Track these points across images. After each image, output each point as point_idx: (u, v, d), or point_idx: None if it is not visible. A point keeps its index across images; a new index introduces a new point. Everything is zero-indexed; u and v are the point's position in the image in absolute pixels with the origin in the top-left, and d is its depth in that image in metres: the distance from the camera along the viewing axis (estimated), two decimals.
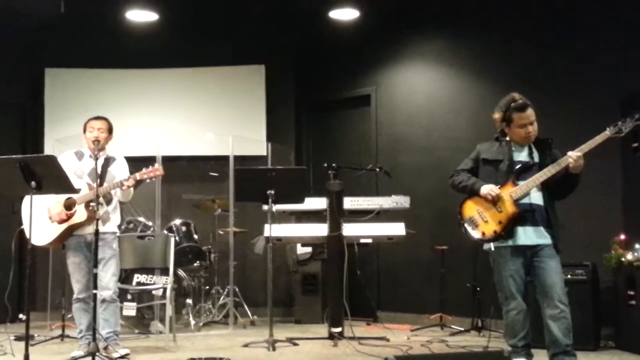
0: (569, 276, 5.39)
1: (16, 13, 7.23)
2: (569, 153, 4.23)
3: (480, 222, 4.41)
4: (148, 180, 5.24)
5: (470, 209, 4.47)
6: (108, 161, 5.35)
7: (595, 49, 6.18)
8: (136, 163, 5.50)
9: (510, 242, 4.35)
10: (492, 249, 4.39)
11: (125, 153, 5.59)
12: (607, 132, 4.23)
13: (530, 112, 4.39)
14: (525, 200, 4.34)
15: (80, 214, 5.10)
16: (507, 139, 4.51)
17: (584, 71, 6.24)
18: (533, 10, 6.63)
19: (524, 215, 4.32)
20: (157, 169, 5.16)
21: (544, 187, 4.35)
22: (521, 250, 4.36)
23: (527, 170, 4.39)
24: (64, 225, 5.12)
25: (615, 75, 6.00)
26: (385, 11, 7.63)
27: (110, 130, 5.37)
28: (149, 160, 6.27)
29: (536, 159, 4.45)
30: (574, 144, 4.27)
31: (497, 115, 4.49)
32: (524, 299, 4.40)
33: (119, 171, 5.31)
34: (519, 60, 6.63)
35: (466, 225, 4.46)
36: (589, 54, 6.22)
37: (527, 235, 4.34)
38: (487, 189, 4.38)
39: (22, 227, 4.97)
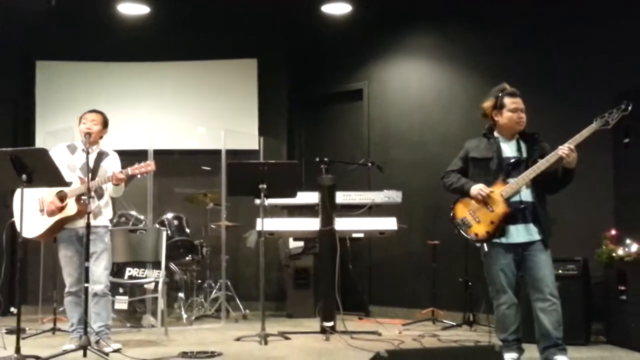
0: (560, 271, 5.41)
1: (7, 6, 7.18)
2: (561, 146, 4.23)
3: (473, 223, 4.42)
4: (139, 176, 5.22)
5: (462, 210, 4.47)
6: (101, 156, 5.33)
7: (589, 45, 6.18)
8: (128, 157, 5.49)
9: (502, 240, 4.36)
10: (486, 249, 4.40)
11: (116, 147, 5.57)
12: (594, 125, 4.24)
13: (520, 100, 4.44)
14: (516, 198, 4.34)
15: (71, 207, 5.08)
16: (495, 134, 4.51)
17: (577, 67, 6.24)
18: (527, 6, 6.62)
19: (516, 213, 4.33)
20: (149, 164, 5.13)
21: (534, 183, 4.35)
22: (513, 247, 4.38)
23: (516, 167, 4.39)
24: (55, 218, 5.11)
25: (609, 72, 5.99)
26: (378, 5, 7.62)
27: (105, 124, 5.35)
28: (140, 154, 6.26)
29: (524, 153, 4.45)
30: (566, 140, 4.26)
31: (488, 103, 4.51)
32: (515, 294, 4.41)
33: (111, 166, 5.28)
34: (512, 56, 6.62)
35: (459, 226, 4.47)
36: (583, 50, 6.22)
37: (519, 233, 4.36)
38: (477, 190, 4.38)
39: (13, 219, 4.95)
